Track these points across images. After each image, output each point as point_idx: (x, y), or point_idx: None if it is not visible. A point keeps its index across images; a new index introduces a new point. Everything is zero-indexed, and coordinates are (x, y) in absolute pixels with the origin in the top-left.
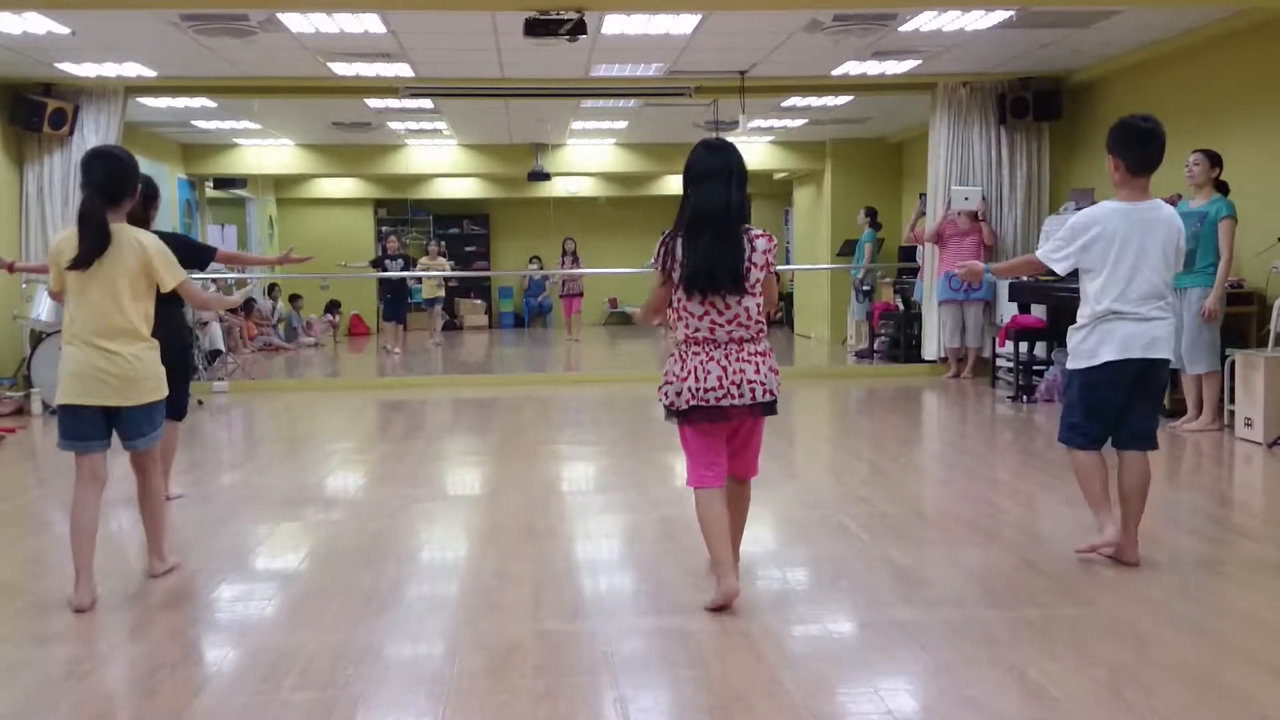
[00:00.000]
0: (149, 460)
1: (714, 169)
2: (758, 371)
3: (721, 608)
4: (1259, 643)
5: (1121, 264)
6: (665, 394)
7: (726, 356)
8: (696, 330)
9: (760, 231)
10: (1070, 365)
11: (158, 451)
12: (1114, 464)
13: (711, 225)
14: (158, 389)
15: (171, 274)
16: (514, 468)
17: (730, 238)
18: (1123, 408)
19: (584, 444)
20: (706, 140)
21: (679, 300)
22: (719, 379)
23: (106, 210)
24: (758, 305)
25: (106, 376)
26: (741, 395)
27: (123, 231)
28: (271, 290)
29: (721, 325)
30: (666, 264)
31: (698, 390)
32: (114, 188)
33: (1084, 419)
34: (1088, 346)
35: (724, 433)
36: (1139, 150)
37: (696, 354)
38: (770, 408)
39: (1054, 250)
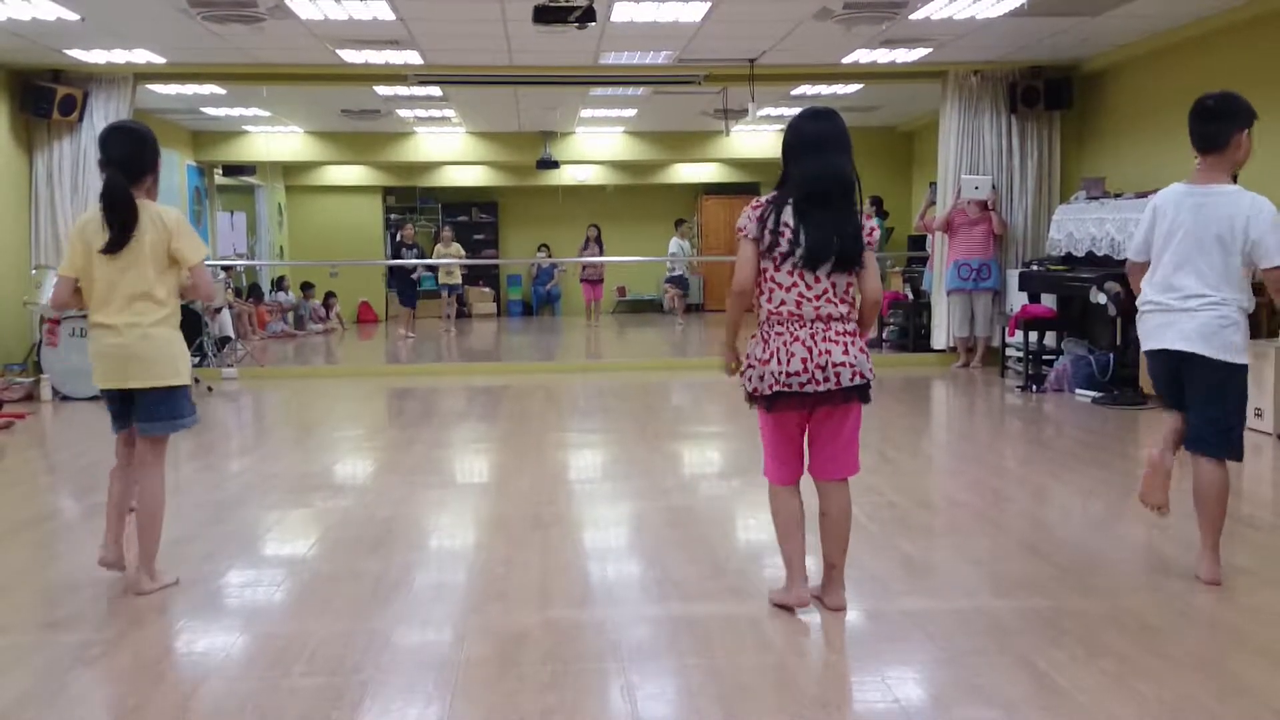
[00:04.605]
0: (153, 454)
1: (830, 136)
2: (846, 352)
3: (783, 606)
4: (1269, 633)
5: (1167, 250)
6: (749, 379)
7: (812, 336)
8: (781, 304)
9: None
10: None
11: (165, 449)
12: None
13: (834, 196)
14: (173, 374)
15: (193, 249)
16: (522, 456)
17: (853, 211)
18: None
19: (592, 432)
20: (815, 108)
21: (765, 272)
22: (803, 361)
23: (130, 187)
24: (849, 281)
25: (116, 359)
26: (827, 380)
27: (145, 209)
28: (280, 281)
29: (809, 300)
30: (764, 231)
31: (780, 374)
32: (134, 164)
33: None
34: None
35: (804, 423)
36: (1194, 127)
37: (780, 334)
38: (864, 393)
39: (1134, 243)
